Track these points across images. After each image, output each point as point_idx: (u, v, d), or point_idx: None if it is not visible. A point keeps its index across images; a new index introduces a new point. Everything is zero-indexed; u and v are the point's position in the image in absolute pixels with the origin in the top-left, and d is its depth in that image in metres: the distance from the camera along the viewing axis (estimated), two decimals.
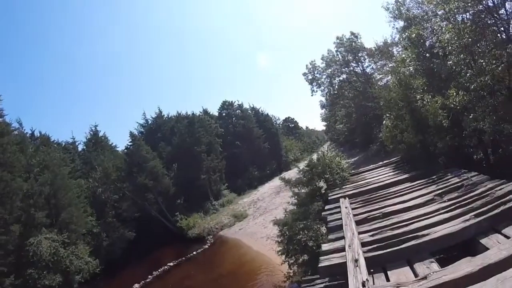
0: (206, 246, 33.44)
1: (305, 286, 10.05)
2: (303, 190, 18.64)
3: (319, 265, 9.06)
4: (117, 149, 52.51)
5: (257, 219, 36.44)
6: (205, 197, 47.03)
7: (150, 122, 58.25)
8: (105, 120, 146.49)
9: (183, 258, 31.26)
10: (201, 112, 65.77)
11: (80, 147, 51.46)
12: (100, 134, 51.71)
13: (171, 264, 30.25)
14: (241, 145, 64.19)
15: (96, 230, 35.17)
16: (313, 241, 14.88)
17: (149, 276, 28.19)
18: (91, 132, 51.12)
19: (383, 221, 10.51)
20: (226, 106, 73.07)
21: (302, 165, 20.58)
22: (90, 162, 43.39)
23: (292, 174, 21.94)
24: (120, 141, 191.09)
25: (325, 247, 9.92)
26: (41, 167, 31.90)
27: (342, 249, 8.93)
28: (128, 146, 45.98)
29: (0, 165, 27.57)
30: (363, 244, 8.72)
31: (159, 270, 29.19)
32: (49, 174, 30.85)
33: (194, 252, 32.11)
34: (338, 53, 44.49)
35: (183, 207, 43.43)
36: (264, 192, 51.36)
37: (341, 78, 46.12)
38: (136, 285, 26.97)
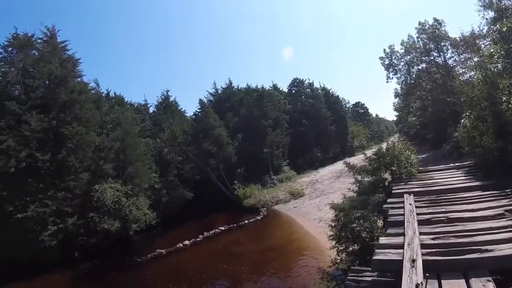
0: (259, 218, 33.34)
1: (352, 275, 9.69)
2: (366, 179, 17.59)
3: (374, 257, 8.55)
4: (186, 114, 53.92)
5: (313, 200, 35.63)
6: (265, 170, 46.82)
7: (219, 92, 58.34)
8: (176, 86, 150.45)
9: (235, 225, 31.46)
10: (270, 87, 64.84)
11: (151, 109, 53.53)
12: (171, 99, 53.26)
13: (222, 228, 30.51)
14: (307, 124, 62.56)
15: (158, 186, 36.74)
16: (367, 233, 14.24)
17: (200, 236, 28.65)
18: (162, 96, 52.90)
19: (447, 226, 9.70)
20: (297, 83, 71.25)
21: (368, 153, 19.22)
22: (159, 124, 44.92)
23: (355, 161, 20.64)
24: (189, 107, 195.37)
25: (382, 240, 9.46)
26: (114, 124, 33.49)
27: (400, 246, 8.34)
28: (197, 113, 47.34)
29: (77, 120, 29.37)
30: (422, 246, 8.09)
31: (210, 232, 29.55)
32: (120, 131, 32.27)
33: (246, 221, 32.16)
34: (419, 40, 41.00)
35: (242, 176, 43.57)
36: (324, 174, 50.08)
37: (419, 67, 42.67)
38: (187, 241, 27.57)
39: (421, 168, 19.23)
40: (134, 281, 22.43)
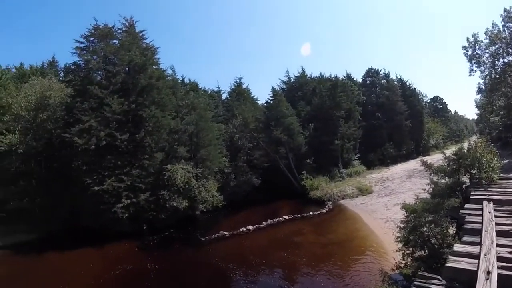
0: (324, 211, 31.74)
1: (419, 281, 9.15)
2: (442, 180, 16.10)
3: (447, 264, 8.34)
4: (258, 101, 52.91)
5: (381, 198, 33.31)
6: (334, 163, 44.49)
7: (292, 80, 56.39)
8: (249, 74, 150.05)
9: (299, 215, 30.32)
10: (344, 77, 60.96)
11: (224, 96, 53.63)
12: (244, 86, 52.64)
13: (286, 217, 29.65)
14: (381, 118, 58.55)
15: (227, 170, 36.69)
16: (437, 239, 13.02)
17: (263, 222, 28.17)
18: (235, 83, 52.50)
19: None
20: (371, 73, 66.54)
21: (447, 152, 16.97)
22: (231, 110, 44.55)
23: (430, 160, 18.32)
24: (261, 94, 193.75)
25: (457, 247, 9.13)
26: (189, 109, 33.89)
27: (475, 256, 7.76)
28: (269, 100, 45.91)
29: (154, 103, 30.50)
30: (499, 259, 7.50)
31: (274, 220, 28.90)
32: (195, 115, 32.61)
33: (311, 213, 30.87)
34: (505, 29, 35.49)
35: (311, 167, 41.84)
36: (396, 172, 46.62)
37: (505, 60, 36.52)
38: (250, 227, 27.23)
39: (502, 175, 17.27)
40: (196, 257, 23.04)
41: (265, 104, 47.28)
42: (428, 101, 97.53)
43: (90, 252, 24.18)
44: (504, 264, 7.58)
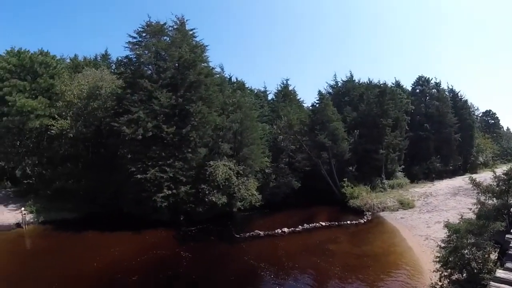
0: (362, 221, 30.61)
1: None
2: (490, 201, 15.03)
3: None
4: (303, 104, 52.13)
5: (422, 214, 31.64)
6: (377, 173, 42.66)
7: (339, 84, 54.85)
8: (296, 75, 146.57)
9: (336, 223, 29.46)
10: (393, 84, 58.25)
11: (269, 96, 53.48)
12: (290, 88, 52.07)
13: (323, 223, 28.93)
14: (429, 129, 55.26)
15: (268, 171, 36.57)
16: (478, 263, 12.38)
17: (299, 226, 27.70)
18: (282, 84, 52.15)
19: None
20: (421, 82, 62.12)
21: (498, 172, 15.71)
22: (277, 111, 44.25)
23: (478, 179, 16.88)
24: (307, 97, 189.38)
25: (500, 273, 8.80)
26: (235, 107, 34.06)
27: None
28: (315, 104, 44.72)
29: (202, 99, 31.00)
30: None
31: (310, 225, 28.33)
32: (240, 114, 32.67)
33: (348, 222, 29.92)
34: None
35: (353, 175, 40.51)
36: (440, 188, 44.01)
37: None
38: (286, 229, 26.86)
39: None
40: (229, 252, 23.29)
41: (311, 107, 46.23)
42: (480, 115, 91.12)
43: (127, 235, 25.64)
44: None
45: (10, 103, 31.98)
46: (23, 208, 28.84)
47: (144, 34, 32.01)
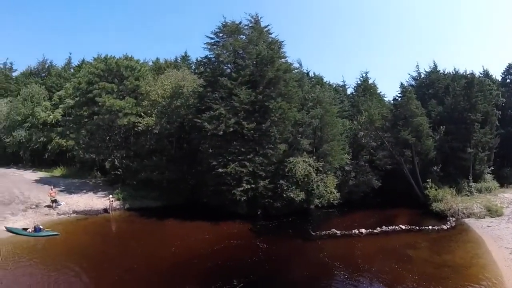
0: (444, 227, 27.92)
1: None
2: None
3: None
4: (385, 98, 49.07)
5: (511, 224, 28.10)
6: (463, 174, 38.45)
7: (422, 75, 50.63)
8: (375, 67, 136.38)
9: (417, 227, 27.34)
10: (481, 73, 51.12)
11: (349, 91, 51.07)
12: (370, 81, 48.98)
13: (403, 227, 27.09)
14: None
15: (348, 168, 35.38)
16: None
17: (378, 228, 26.25)
18: (361, 78, 49.14)
19: None
20: None
21: None
22: (357, 106, 42.36)
23: None
24: (388, 90, 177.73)
25: None
26: (314, 102, 33.34)
27: None
28: (397, 97, 41.71)
29: (281, 95, 31.05)
30: None
31: (389, 227, 26.62)
32: (320, 109, 31.84)
33: (430, 227, 27.59)
34: None
35: (437, 175, 37.13)
36: None
37: None
38: (363, 230, 25.70)
39: None
40: (304, 249, 23.25)
41: (392, 101, 43.31)
42: None
43: (205, 225, 27.00)
44: None
45: (100, 104, 35.02)
46: (111, 196, 31.71)
47: (221, 35, 33.13)
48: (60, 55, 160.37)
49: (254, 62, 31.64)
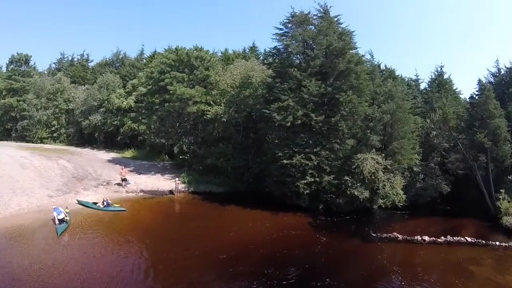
0: None
1: None
2: None
3: None
4: (461, 95, 45.68)
5: None
6: None
7: (502, 72, 44.10)
8: (451, 61, 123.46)
9: (483, 241, 24.41)
10: None
11: (422, 86, 48.27)
12: (445, 76, 45.62)
13: (468, 239, 24.52)
14: None
15: (416, 169, 33.62)
16: None
17: (442, 237, 24.25)
18: (435, 72, 45.93)
19: None
20: None
21: None
22: (430, 103, 39.69)
23: None
24: (465, 86, 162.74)
25: None
26: (386, 97, 31.88)
27: None
28: (474, 95, 38.44)
29: (352, 88, 29.86)
30: None
31: (454, 238, 24.41)
32: (392, 104, 30.36)
33: (497, 243, 24.41)
34: None
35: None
36: None
37: None
38: (426, 237, 23.92)
39: None
40: (362, 249, 22.55)
41: (469, 100, 39.67)
42: None
43: (265, 214, 27.44)
44: None
45: (171, 92, 36.73)
46: (177, 179, 33.20)
47: (290, 25, 32.74)
48: (133, 47, 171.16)
49: (324, 53, 30.90)
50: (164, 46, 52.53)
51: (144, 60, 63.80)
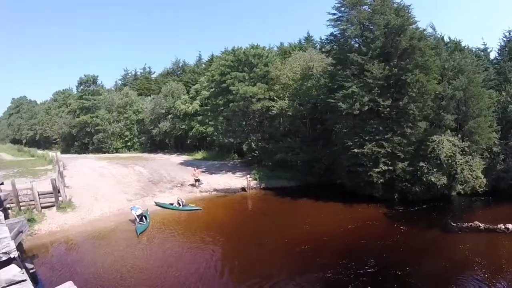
0: None
1: None
2: None
3: None
4: None
5: None
6: None
7: None
8: None
9: None
10: None
11: (491, 55, 44.10)
12: None
13: None
14: None
15: (496, 150, 30.81)
16: None
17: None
18: (504, 39, 41.60)
19: None
20: None
21: None
22: (503, 73, 36.46)
23: None
24: None
25: None
26: (455, 71, 29.96)
27: None
28: None
29: (417, 67, 28.14)
30: None
31: None
32: (464, 79, 28.49)
33: None
34: None
35: None
36: None
37: None
38: (510, 225, 21.42)
39: None
40: (442, 240, 20.88)
41: None
42: None
43: (338, 206, 27.28)
44: None
45: (234, 92, 38.11)
46: (248, 176, 34.38)
47: (343, 9, 31.60)
48: (190, 54, 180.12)
49: (384, 33, 29.50)
50: (220, 49, 54.70)
51: (203, 65, 66.93)
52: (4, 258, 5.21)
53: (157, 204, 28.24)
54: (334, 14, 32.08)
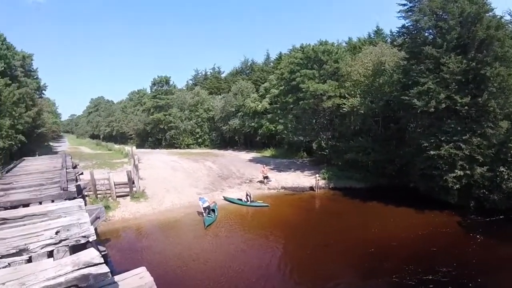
0: None
1: None
2: None
3: None
4: None
5: None
6: None
7: None
8: None
9: None
10: None
11: None
12: None
13: None
14: None
15: None
16: None
17: None
18: None
19: None
20: None
21: None
22: None
23: None
24: None
25: None
26: None
27: None
28: None
29: (497, 59, 25.90)
30: None
31: None
32: None
33: None
34: None
35: None
36: None
37: None
38: None
39: None
40: None
41: None
42: None
43: (409, 211, 25.87)
44: None
45: (304, 89, 38.44)
46: (317, 175, 34.32)
47: None
48: (258, 53, 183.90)
49: (459, 22, 27.22)
50: (288, 47, 55.52)
51: (272, 64, 68.45)
52: (83, 241, 5.73)
53: (225, 199, 29.52)
54: (404, 4, 30.93)
